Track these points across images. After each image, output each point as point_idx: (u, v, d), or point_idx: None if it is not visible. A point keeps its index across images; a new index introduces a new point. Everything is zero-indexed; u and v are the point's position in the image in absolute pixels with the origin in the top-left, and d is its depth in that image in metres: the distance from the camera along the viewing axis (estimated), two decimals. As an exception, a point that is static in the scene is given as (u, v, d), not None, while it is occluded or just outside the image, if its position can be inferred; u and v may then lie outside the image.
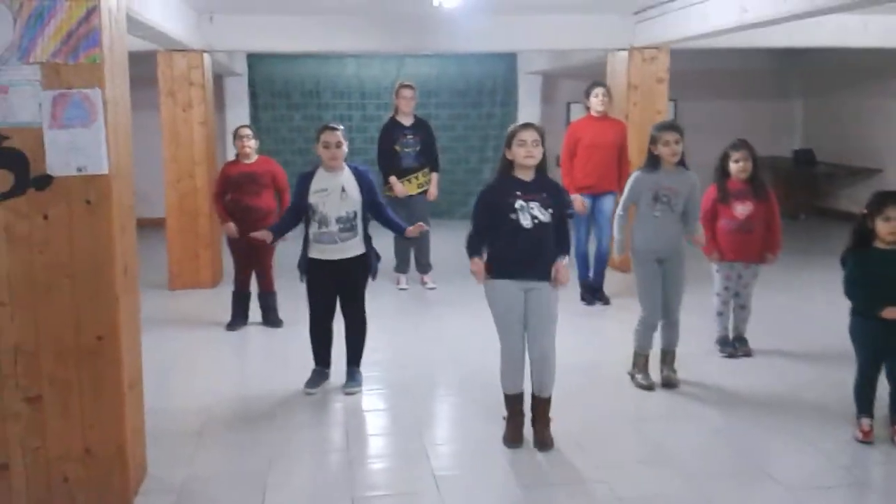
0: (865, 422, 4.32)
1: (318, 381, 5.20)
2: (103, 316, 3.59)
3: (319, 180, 5.01)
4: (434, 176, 7.85)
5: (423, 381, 5.41)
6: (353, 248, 5.00)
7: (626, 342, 5.37)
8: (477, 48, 9.78)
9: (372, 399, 5.11)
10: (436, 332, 6.62)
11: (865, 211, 4.17)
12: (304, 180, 5.06)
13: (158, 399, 4.82)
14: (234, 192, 6.46)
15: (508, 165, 4.20)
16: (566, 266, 4.26)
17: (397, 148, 7.74)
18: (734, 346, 5.79)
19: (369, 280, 5.14)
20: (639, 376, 5.19)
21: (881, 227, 4.08)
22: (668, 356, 5.25)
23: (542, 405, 4.32)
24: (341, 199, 4.94)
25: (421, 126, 7.89)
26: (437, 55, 11.78)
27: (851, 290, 4.25)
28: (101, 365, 3.62)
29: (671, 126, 5.06)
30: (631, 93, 8.35)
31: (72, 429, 3.64)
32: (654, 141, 5.01)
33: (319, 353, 5.25)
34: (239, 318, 6.65)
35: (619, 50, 8.46)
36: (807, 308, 7.07)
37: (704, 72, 12.05)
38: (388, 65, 12.04)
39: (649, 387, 5.13)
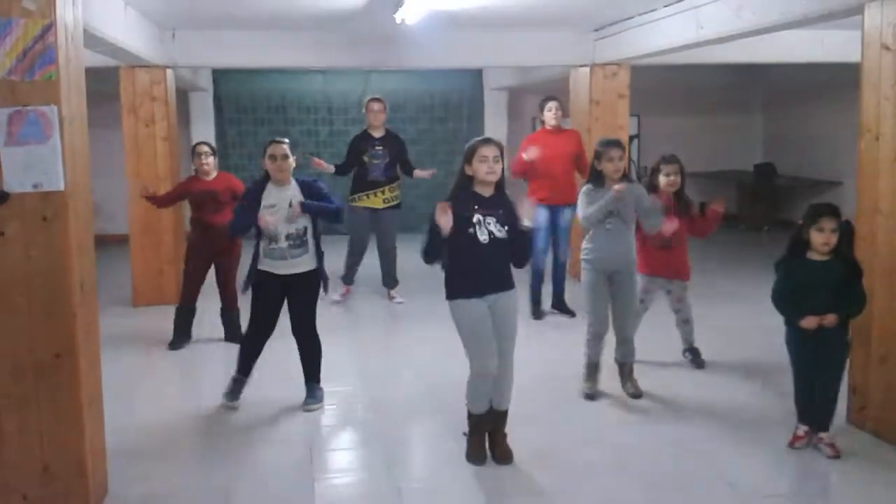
0: (801, 428, 4.43)
1: (238, 391, 5.17)
2: (61, 333, 3.58)
3: (269, 195, 4.99)
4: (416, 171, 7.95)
5: (387, 395, 5.42)
6: (303, 263, 5.00)
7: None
8: (441, 64, 9.87)
9: (334, 414, 5.11)
10: (400, 347, 6.64)
11: (801, 222, 4.26)
12: (255, 192, 5.05)
13: (120, 416, 4.79)
14: (195, 209, 6.46)
15: (467, 181, 4.17)
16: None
17: (365, 158, 7.76)
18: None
19: (330, 296, 5.16)
20: (585, 384, 5.25)
21: (815, 237, 4.17)
22: (624, 368, 5.32)
23: (500, 418, 4.34)
24: (291, 217, 4.94)
25: (391, 139, 7.90)
26: (403, 70, 11.86)
27: (777, 299, 4.33)
28: (59, 382, 3.60)
29: (615, 143, 5.12)
30: (593, 108, 8.46)
31: (30, 446, 3.62)
32: (598, 157, 5.07)
33: (246, 364, 5.21)
34: (182, 336, 6.57)
35: (580, 66, 8.57)
36: (766, 319, 7.12)
37: (667, 88, 12.23)
38: (355, 80, 12.09)
39: (591, 395, 5.19)
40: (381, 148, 7.78)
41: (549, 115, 7.21)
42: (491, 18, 7.40)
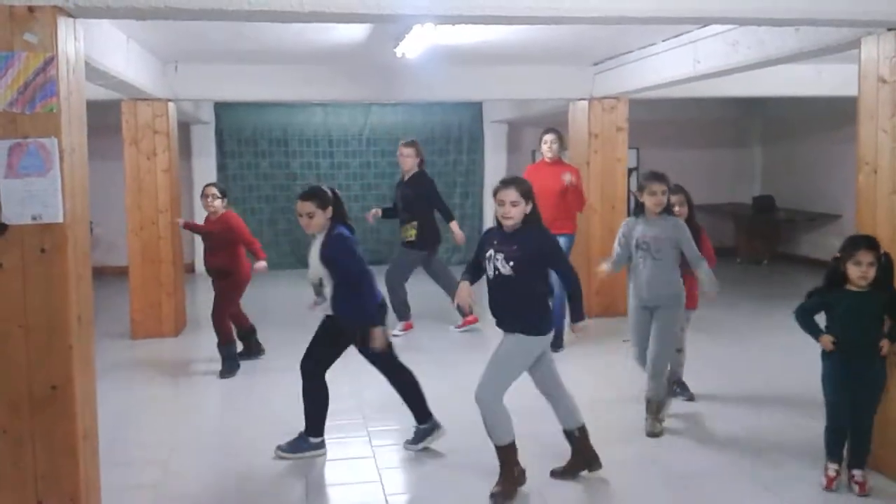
0: (832, 468, 4.33)
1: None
2: (57, 365, 3.56)
3: (313, 243, 4.88)
4: (452, 224, 8.05)
5: (392, 429, 5.37)
6: (330, 308, 4.83)
7: (592, 387, 5.38)
8: (441, 97, 9.95)
9: (335, 449, 5.04)
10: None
11: (838, 255, 4.22)
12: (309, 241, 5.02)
13: (115, 450, 4.76)
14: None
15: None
16: (582, 327, 4.30)
17: (396, 201, 8.11)
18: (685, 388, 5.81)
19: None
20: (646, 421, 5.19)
21: (852, 270, 4.12)
22: (649, 405, 5.18)
23: (496, 451, 4.26)
24: (315, 264, 4.82)
25: (413, 181, 7.95)
26: (403, 104, 11.95)
27: (800, 315, 4.30)
28: (54, 415, 3.58)
29: (658, 177, 5.07)
30: (592, 141, 8.50)
31: (24, 480, 3.59)
32: (640, 189, 5.07)
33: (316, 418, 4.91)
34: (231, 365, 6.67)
35: (579, 100, 8.63)
36: (768, 353, 7.14)
37: (666, 121, 12.30)
38: (355, 113, 12.19)
39: (650, 433, 5.10)
40: (399, 190, 8.03)
41: (545, 147, 7.22)
42: (491, 53, 7.46)
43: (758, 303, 9.28)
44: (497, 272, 4.13)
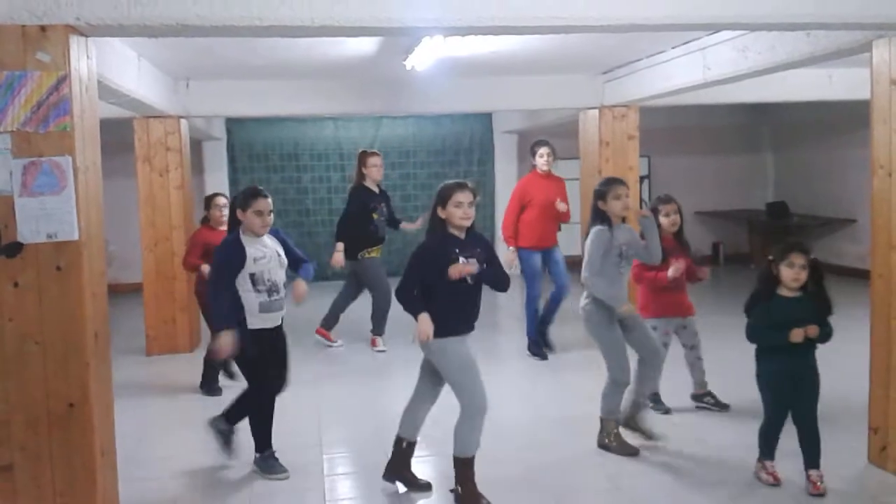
0: (769, 464, 4.41)
1: (280, 465, 4.85)
2: (74, 383, 3.58)
3: (253, 248, 4.64)
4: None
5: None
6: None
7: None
8: (451, 109, 9.99)
9: (347, 462, 5.04)
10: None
11: (771, 258, 4.28)
12: (238, 251, 4.60)
13: (133, 466, 4.76)
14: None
15: (441, 224, 4.17)
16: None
17: (375, 216, 7.71)
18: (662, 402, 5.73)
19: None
20: (615, 444, 4.95)
21: (785, 273, 4.19)
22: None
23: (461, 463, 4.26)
24: (279, 265, 4.75)
25: (384, 194, 7.97)
26: (413, 116, 11.99)
27: (757, 332, 4.29)
28: (72, 432, 3.60)
29: (619, 180, 5.02)
30: (603, 149, 8.49)
31: (43, 498, 3.60)
32: (602, 196, 4.88)
33: (269, 435, 4.89)
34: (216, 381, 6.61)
35: (589, 108, 8.63)
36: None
37: (677, 128, 12.28)
38: (366, 126, 12.23)
39: (633, 451, 4.91)
40: (384, 204, 7.83)
41: (542, 161, 7.24)
42: (500, 63, 7.47)
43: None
44: (472, 278, 4.13)
